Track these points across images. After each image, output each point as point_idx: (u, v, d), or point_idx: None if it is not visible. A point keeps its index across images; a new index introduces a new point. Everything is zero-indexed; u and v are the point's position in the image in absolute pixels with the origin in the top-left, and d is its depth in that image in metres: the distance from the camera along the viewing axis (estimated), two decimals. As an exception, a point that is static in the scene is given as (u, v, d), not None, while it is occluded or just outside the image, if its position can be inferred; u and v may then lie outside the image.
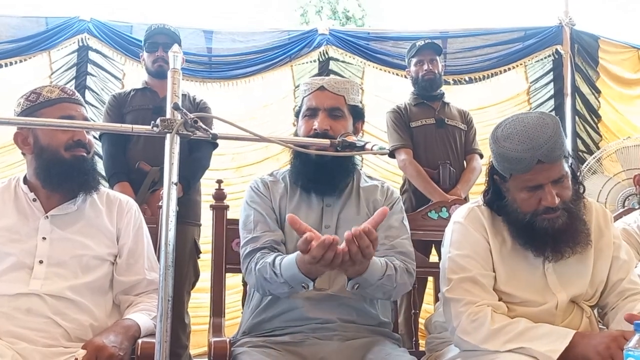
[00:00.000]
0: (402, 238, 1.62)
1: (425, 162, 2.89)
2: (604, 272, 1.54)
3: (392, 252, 1.58)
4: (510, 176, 1.46)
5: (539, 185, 1.43)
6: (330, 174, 1.62)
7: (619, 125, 4.23)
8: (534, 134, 1.40)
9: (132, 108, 2.69)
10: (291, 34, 4.29)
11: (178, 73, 1.22)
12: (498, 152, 1.46)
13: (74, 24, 4.00)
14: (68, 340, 1.45)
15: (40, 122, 1.49)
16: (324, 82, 1.66)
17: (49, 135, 1.56)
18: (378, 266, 1.43)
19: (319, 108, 1.62)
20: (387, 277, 1.45)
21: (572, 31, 4.28)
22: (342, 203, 1.66)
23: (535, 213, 1.46)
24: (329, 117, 1.61)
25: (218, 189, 1.89)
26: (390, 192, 1.73)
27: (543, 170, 1.41)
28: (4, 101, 3.62)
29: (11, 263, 1.49)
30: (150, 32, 2.74)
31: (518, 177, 1.44)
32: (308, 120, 1.64)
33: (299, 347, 1.50)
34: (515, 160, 1.41)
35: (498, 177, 1.53)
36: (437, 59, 3.02)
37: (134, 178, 2.56)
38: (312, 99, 1.65)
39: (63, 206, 1.59)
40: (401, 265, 1.52)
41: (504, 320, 1.42)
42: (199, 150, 2.65)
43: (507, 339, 1.37)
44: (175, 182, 1.16)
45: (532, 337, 1.36)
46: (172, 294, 1.13)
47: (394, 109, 3.02)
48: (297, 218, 1.31)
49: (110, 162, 2.62)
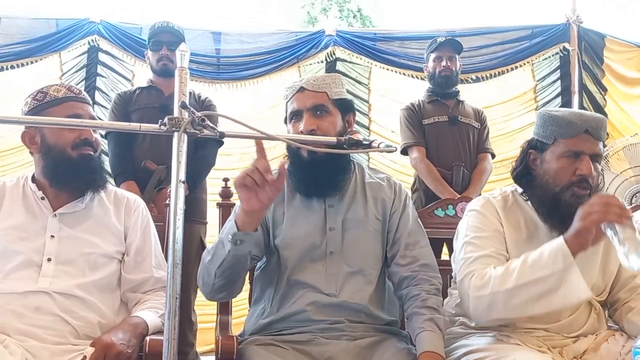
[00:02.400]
0: (422, 246, 1.62)
1: (437, 160, 2.87)
2: (614, 266, 1.55)
3: (416, 265, 1.57)
4: (554, 141, 1.50)
5: (580, 153, 1.47)
6: (326, 173, 1.59)
7: (624, 124, 4.20)
8: (584, 112, 1.53)
9: (137, 107, 2.70)
10: (298, 35, 4.30)
11: (185, 72, 1.22)
12: (549, 116, 1.52)
13: (84, 25, 4.03)
14: (76, 337, 1.46)
15: (48, 120, 1.50)
16: (302, 82, 1.63)
17: (56, 134, 1.57)
18: (441, 339, 1.45)
19: (301, 109, 1.59)
20: (444, 328, 1.49)
21: (579, 29, 4.26)
22: (347, 203, 1.63)
23: (567, 185, 1.48)
24: (313, 116, 1.58)
25: (225, 187, 1.89)
26: (399, 188, 1.70)
27: (588, 141, 1.47)
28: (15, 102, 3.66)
29: (20, 261, 1.50)
30: (154, 31, 2.75)
31: (562, 142, 1.49)
32: (295, 124, 1.60)
33: (306, 346, 1.50)
34: (565, 122, 1.48)
35: (535, 151, 1.56)
36: (456, 57, 2.99)
37: (140, 177, 2.57)
38: (293, 101, 1.62)
39: (71, 204, 1.60)
40: (432, 293, 1.53)
41: (505, 264, 1.42)
42: (204, 149, 2.65)
43: (517, 278, 1.36)
44: (182, 181, 1.16)
45: (539, 267, 1.35)
46: (179, 291, 1.14)
47: (407, 107, 2.99)
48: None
49: (117, 161, 2.62)
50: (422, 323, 1.46)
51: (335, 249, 1.58)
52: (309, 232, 1.58)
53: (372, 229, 1.62)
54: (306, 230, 1.59)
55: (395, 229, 1.63)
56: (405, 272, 1.58)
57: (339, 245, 1.58)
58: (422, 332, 1.44)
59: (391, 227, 1.64)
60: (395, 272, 1.60)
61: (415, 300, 1.52)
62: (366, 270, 1.59)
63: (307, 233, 1.58)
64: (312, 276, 1.55)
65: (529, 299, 1.35)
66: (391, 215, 1.65)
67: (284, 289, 1.57)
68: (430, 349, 1.40)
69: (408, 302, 1.54)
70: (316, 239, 1.58)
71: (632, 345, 1.38)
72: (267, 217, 1.61)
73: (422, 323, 1.46)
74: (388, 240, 1.64)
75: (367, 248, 1.61)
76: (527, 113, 4.17)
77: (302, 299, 1.54)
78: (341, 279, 1.55)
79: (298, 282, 1.56)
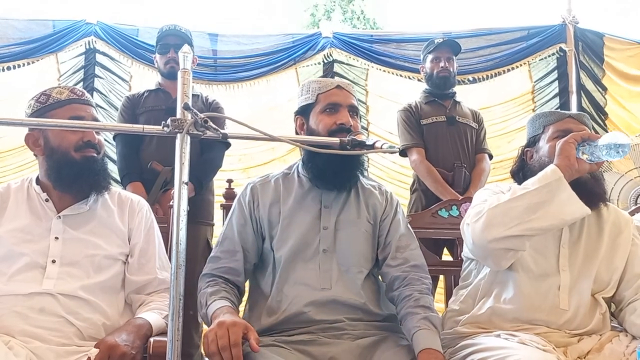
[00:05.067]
0: (412, 249, 1.65)
1: (436, 160, 2.86)
2: (620, 262, 1.57)
3: (406, 266, 1.60)
4: (543, 130, 1.68)
5: (568, 130, 1.59)
6: (347, 168, 1.63)
7: (627, 122, 4.21)
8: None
9: (145, 109, 2.71)
10: (295, 37, 4.31)
11: (188, 73, 1.22)
12: (534, 116, 1.75)
13: (81, 27, 4.03)
14: (81, 339, 1.46)
15: (50, 122, 1.50)
16: (339, 82, 1.73)
17: (59, 136, 1.57)
18: (437, 336, 1.47)
19: (341, 104, 1.65)
20: (439, 326, 1.50)
21: (575, 29, 4.27)
22: (341, 204, 1.66)
23: None
24: (349, 114, 1.65)
25: (228, 188, 1.90)
26: (390, 196, 1.75)
27: (573, 123, 1.63)
28: (13, 103, 3.68)
29: (24, 263, 1.50)
30: (162, 34, 2.76)
31: (550, 127, 1.66)
32: (329, 115, 1.65)
33: (308, 346, 1.50)
34: (549, 113, 1.70)
35: (530, 148, 1.71)
36: (454, 58, 3.00)
37: (147, 178, 2.58)
38: (332, 95, 1.67)
39: (75, 206, 1.60)
40: (424, 293, 1.56)
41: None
42: (211, 151, 2.66)
43: (509, 195, 1.48)
44: (185, 182, 1.17)
45: (530, 183, 1.48)
46: (183, 292, 1.14)
47: (404, 108, 2.99)
48: None
49: (124, 163, 2.64)
50: (417, 322, 1.47)
51: (327, 247, 1.60)
52: (303, 231, 1.61)
53: (363, 230, 1.65)
54: (300, 229, 1.61)
55: (386, 233, 1.67)
56: (396, 273, 1.60)
57: (332, 244, 1.61)
58: (418, 330, 1.45)
59: (382, 232, 1.68)
60: (386, 273, 1.63)
61: (408, 300, 1.53)
62: (357, 268, 1.61)
63: (302, 232, 1.61)
64: (306, 273, 1.58)
65: (525, 210, 1.43)
66: (382, 221, 1.69)
67: (279, 288, 1.58)
68: (428, 346, 1.41)
69: (401, 303, 1.56)
70: (310, 237, 1.61)
71: (635, 346, 1.40)
72: (262, 219, 1.64)
73: (418, 322, 1.47)
74: (379, 244, 1.67)
75: (358, 248, 1.63)
76: (525, 114, 4.18)
77: (299, 298, 1.55)
78: (334, 276, 1.58)
79: (292, 279, 1.58)
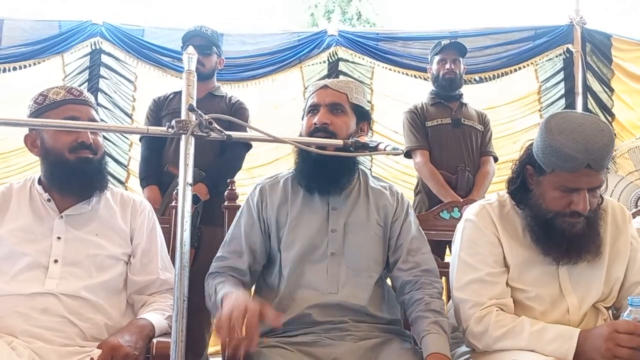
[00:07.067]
0: (423, 252, 1.64)
1: (440, 163, 2.86)
2: (620, 271, 1.53)
3: (418, 270, 1.59)
4: (552, 171, 1.41)
5: (577, 189, 1.40)
6: (332, 172, 1.61)
7: (635, 124, 4.17)
8: (590, 137, 1.34)
9: (168, 111, 2.72)
10: (300, 36, 4.30)
11: (193, 74, 1.22)
12: (549, 144, 1.38)
13: (87, 27, 4.05)
14: (83, 339, 1.46)
15: (43, 123, 1.50)
16: (327, 81, 1.71)
17: (53, 137, 1.57)
18: (446, 340, 1.45)
19: (320, 104, 1.64)
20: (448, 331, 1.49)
21: (583, 30, 4.25)
22: (350, 206, 1.65)
23: (559, 213, 1.43)
24: (329, 112, 1.63)
25: (230, 189, 1.90)
26: (401, 197, 1.73)
27: (588, 176, 1.37)
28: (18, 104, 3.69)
29: (27, 263, 1.50)
30: (187, 35, 2.74)
31: (559, 175, 1.39)
32: (310, 117, 1.65)
33: (312, 347, 1.50)
34: (566, 157, 1.35)
35: (532, 168, 1.47)
36: (460, 60, 2.99)
37: (165, 181, 2.59)
38: (314, 97, 1.67)
39: (77, 206, 1.60)
40: (435, 297, 1.54)
41: (508, 324, 1.41)
42: (232, 152, 2.65)
43: (514, 343, 1.38)
44: (190, 183, 1.16)
45: (540, 340, 1.36)
46: (187, 293, 1.14)
47: (410, 109, 2.99)
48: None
49: (143, 166, 2.68)
50: (427, 326, 1.46)
51: (336, 250, 1.59)
52: (311, 233, 1.60)
53: (373, 233, 1.64)
54: (308, 231, 1.60)
55: (397, 235, 1.65)
56: (407, 277, 1.59)
57: (340, 247, 1.60)
58: (427, 334, 1.44)
59: (393, 234, 1.66)
60: (397, 277, 1.62)
61: (419, 304, 1.52)
62: (366, 272, 1.60)
63: (309, 234, 1.60)
64: (314, 276, 1.57)
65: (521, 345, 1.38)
66: (393, 223, 1.67)
67: (285, 290, 1.58)
68: (436, 350, 1.40)
69: (412, 307, 1.55)
70: (318, 240, 1.60)
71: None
72: (270, 220, 1.63)
73: (427, 326, 1.46)
74: (390, 247, 1.66)
75: (367, 251, 1.62)
76: (531, 114, 4.17)
77: (304, 300, 1.54)
78: (342, 280, 1.57)
79: (299, 282, 1.57)
